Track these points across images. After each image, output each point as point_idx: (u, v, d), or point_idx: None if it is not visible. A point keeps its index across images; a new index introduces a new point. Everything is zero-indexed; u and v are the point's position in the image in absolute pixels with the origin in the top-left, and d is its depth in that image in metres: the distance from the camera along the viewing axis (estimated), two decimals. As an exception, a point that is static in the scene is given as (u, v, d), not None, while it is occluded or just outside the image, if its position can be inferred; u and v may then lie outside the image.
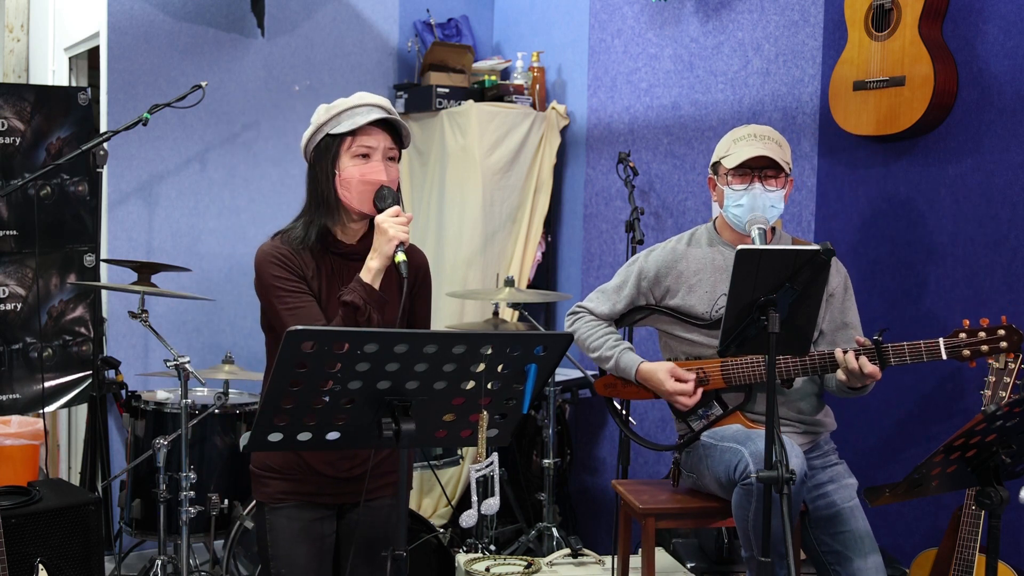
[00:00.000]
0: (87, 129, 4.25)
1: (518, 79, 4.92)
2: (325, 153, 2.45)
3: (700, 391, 2.95)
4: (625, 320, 3.16)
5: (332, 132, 2.44)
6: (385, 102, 2.49)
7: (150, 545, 4.05)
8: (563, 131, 4.87)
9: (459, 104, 4.80)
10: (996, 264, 3.16)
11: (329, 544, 2.54)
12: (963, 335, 2.68)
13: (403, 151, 2.56)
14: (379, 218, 2.38)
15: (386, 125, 2.47)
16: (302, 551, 2.49)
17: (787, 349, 2.54)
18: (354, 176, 2.42)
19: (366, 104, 2.46)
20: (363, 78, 5.06)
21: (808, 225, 3.75)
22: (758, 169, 2.89)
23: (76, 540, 3.25)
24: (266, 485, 2.52)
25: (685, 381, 2.93)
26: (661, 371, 2.96)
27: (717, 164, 2.99)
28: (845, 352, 2.73)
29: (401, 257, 2.35)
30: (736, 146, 2.93)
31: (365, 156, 2.43)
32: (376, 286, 2.37)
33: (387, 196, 2.42)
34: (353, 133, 2.43)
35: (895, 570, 3.13)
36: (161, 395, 4.02)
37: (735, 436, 2.83)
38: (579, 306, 3.19)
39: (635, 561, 3.20)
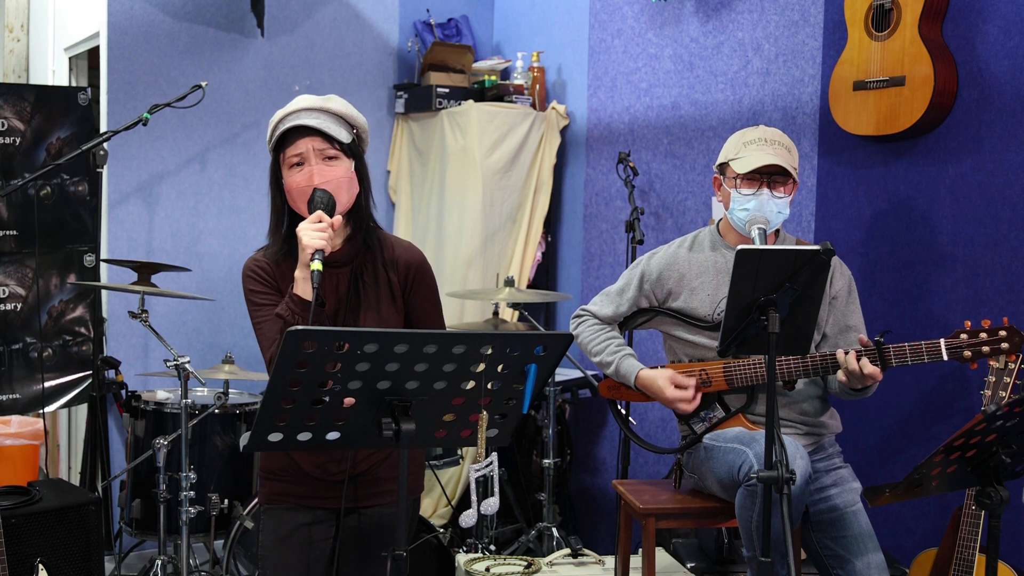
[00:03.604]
0: (87, 129, 4.25)
1: (518, 79, 4.92)
2: (271, 170, 2.49)
3: (699, 397, 2.95)
4: (629, 323, 3.16)
5: (271, 148, 2.48)
6: (316, 101, 2.44)
7: (150, 545, 4.05)
8: (563, 131, 4.87)
9: (459, 104, 4.80)
10: (996, 264, 3.16)
11: (322, 549, 2.51)
12: (964, 336, 2.68)
13: (363, 143, 2.51)
14: (299, 227, 2.34)
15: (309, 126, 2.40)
16: (288, 554, 2.48)
17: (787, 349, 2.54)
18: (292, 187, 2.42)
19: (292, 111, 2.43)
20: (363, 78, 5.06)
21: (808, 225, 3.75)
22: (767, 175, 2.88)
23: (76, 540, 3.25)
24: (265, 486, 2.54)
25: (685, 388, 2.93)
26: (661, 378, 2.96)
27: (724, 165, 2.98)
28: (846, 353, 2.73)
29: (316, 266, 2.27)
30: (746, 150, 2.91)
31: (299, 164, 2.41)
32: (306, 295, 2.32)
33: (316, 200, 2.37)
34: (282, 146, 2.43)
35: (895, 570, 3.13)
36: (161, 395, 4.02)
37: (738, 437, 2.83)
38: (583, 309, 3.20)
39: (635, 561, 3.20)
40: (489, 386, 2.07)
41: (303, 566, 2.48)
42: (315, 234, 2.30)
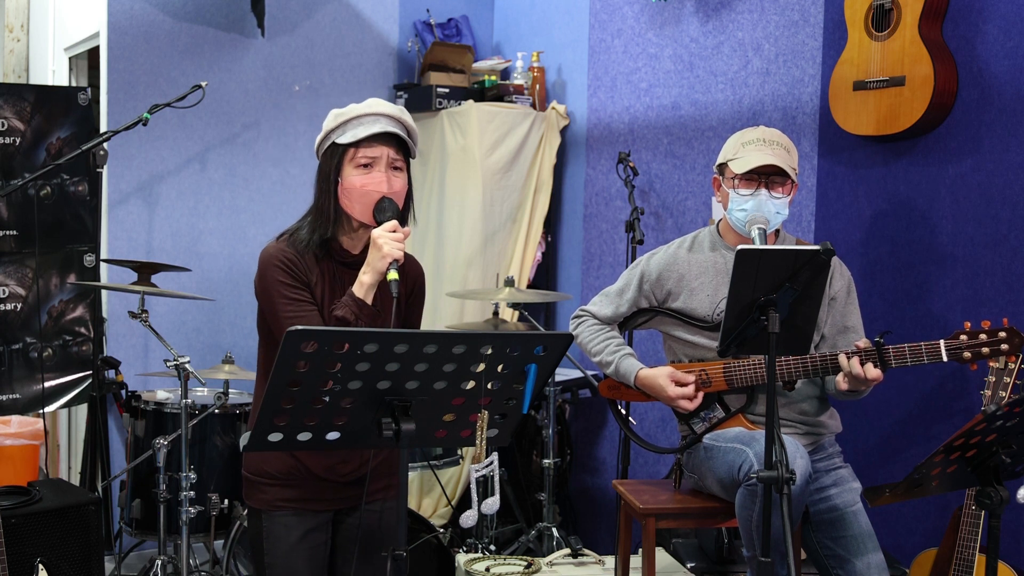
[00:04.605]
0: (87, 129, 4.25)
1: (518, 79, 4.92)
2: (329, 161, 2.45)
3: (701, 394, 2.95)
4: (629, 323, 3.16)
5: (337, 141, 2.43)
6: (395, 110, 2.46)
7: (150, 545, 4.05)
8: (563, 131, 4.87)
9: (459, 104, 4.80)
10: (996, 264, 3.16)
11: (324, 551, 2.52)
12: (964, 337, 2.67)
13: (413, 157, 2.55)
14: (375, 232, 2.35)
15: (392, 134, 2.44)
16: (300, 559, 2.47)
17: (787, 349, 2.54)
18: (355, 186, 2.40)
19: (373, 114, 2.43)
20: (363, 78, 5.06)
21: (808, 225, 3.75)
22: (765, 175, 2.88)
23: (76, 540, 3.25)
24: (263, 492, 2.49)
25: (685, 384, 2.93)
26: (661, 376, 2.95)
27: (723, 165, 2.98)
28: (849, 358, 2.72)
29: (393, 275, 2.29)
30: (745, 150, 2.91)
31: (367, 166, 2.41)
32: (369, 300, 2.35)
33: (386, 209, 2.38)
34: (356, 144, 2.41)
35: (895, 570, 3.13)
36: (161, 395, 4.02)
37: (738, 437, 2.83)
38: (582, 310, 3.20)
39: (635, 561, 3.20)
40: (489, 386, 2.07)
41: (312, 570, 2.48)
42: (395, 244, 2.32)
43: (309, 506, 2.48)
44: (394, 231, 2.34)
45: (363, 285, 2.35)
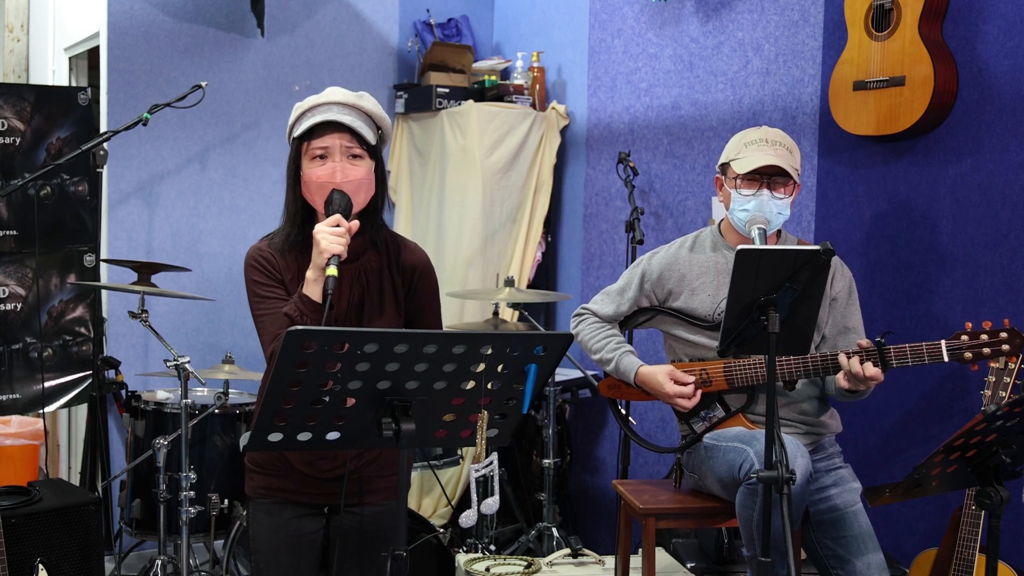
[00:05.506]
0: (87, 129, 4.25)
1: (518, 79, 4.92)
2: (290, 156, 2.44)
3: (699, 393, 2.95)
4: (630, 322, 3.17)
5: (294, 135, 2.43)
6: (349, 97, 2.41)
7: (150, 545, 4.05)
8: (563, 131, 4.87)
9: (459, 104, 4.80)
10: (996, 264, 3.16)
11: (312, 542, 2.52)
12: (965, 337, 2.67)
13: (384, 144, 2.49)
14: (316, 227, 2.31)
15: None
16: (281, 547, 2.49)
17: (787, 349, 2.54)
18: (311, 179, 2.38)
19: (324, 103, 2.40)
20: (363, 78, 5.06)
21: (808, 225, 3.75)
22: (767, 176, 2.88)
23: (76, 540, 3.25)
24: (252, 479, 2.53)
25: (684, 384, 2.93)
26: (660, 374, 2.96)
27: (726, 165, 2.98)
28: (849, 357, 2.72)
29: (332, 271, 2.24)
30: (747, 150, 2.91)
31: (322, 157, 2.38)
32: (315, 296, 2.31)
33: (334, 201, 2.34)
34: (308, 135, 2.39)
35: (895, 570, 3.13)
36: (161, 395, 4.02)
37: (739, 436, 2.83)
38: (583, 308, 3.20)
39: (635, 561, 3.20)
40: (489, 386, 2.07)
41: (296, 559, 2.49)
42: (333, 239, 2.27)
43: (289, 497, 2.49)
44: (336, 225, 2.30)
45: (307, 281, 2.32)
